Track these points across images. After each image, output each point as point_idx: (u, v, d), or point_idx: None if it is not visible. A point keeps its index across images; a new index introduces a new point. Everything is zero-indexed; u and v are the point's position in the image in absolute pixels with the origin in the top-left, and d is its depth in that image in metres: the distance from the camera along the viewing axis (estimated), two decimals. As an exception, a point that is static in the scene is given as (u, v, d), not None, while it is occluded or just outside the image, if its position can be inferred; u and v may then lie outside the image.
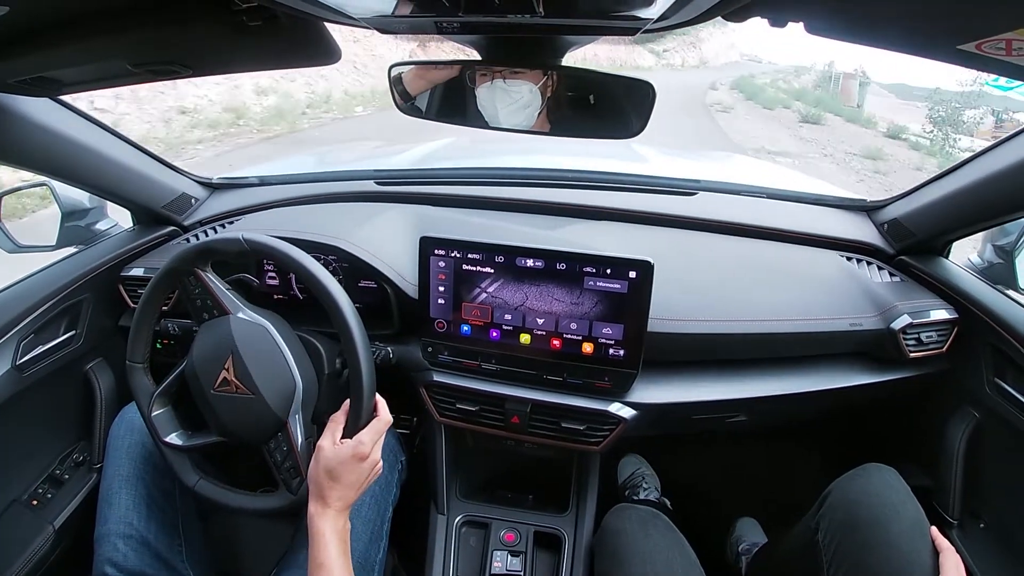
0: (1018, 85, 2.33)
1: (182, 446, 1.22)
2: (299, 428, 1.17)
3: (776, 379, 1.46)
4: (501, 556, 1.50)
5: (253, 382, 1.15)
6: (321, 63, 1.05)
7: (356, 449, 1.07)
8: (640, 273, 1.27)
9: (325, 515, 1.05)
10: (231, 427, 1.18)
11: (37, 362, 1.45)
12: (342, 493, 1.06)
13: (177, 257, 1.21)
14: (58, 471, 1.56)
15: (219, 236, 1.23)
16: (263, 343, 1.19)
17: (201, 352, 1.19)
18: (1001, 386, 1.39)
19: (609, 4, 0.80)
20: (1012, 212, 1.35)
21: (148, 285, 1.25)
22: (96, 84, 1.11)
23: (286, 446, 1.16)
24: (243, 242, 1.19)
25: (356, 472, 1.07)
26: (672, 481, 1.99)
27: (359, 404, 1.12)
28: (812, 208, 1.79)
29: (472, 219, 1.65)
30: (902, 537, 1.09)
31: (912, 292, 1.51)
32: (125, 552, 1.25)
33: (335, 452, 1.07)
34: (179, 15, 0.83)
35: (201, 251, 1.21)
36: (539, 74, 1.02)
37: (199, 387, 1.18)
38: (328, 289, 1.15)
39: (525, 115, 1.06)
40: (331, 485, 1.06)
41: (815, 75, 34.46)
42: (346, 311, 1.14)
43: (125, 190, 1.59)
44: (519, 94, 1.04)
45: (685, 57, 42.00)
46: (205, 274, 1.22)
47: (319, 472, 1.07)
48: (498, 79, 1.03)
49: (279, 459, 1.17)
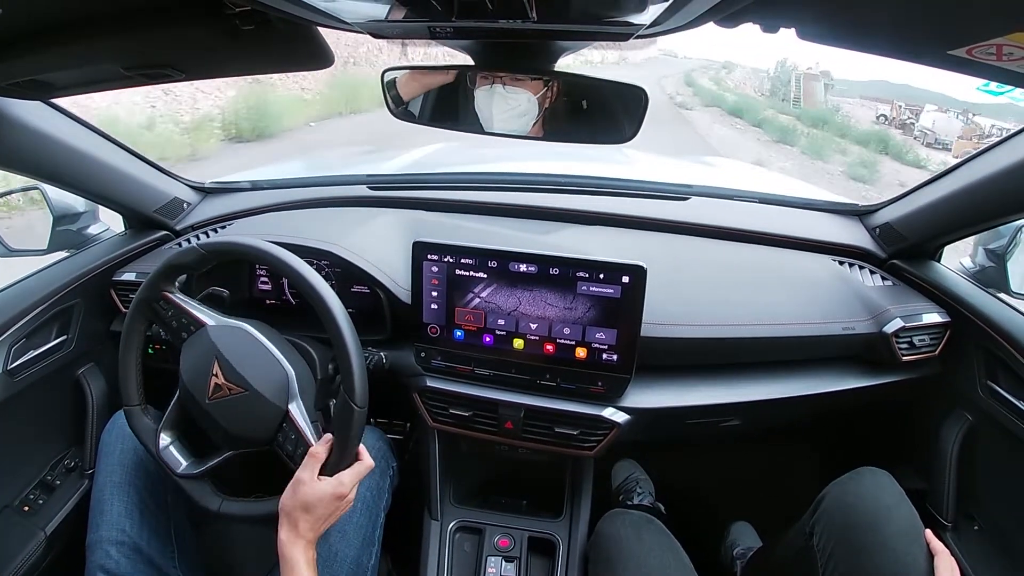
0: (1009, 90, 2.37)
1: (197, 473, 1.21)
2: (302, 414, 1.16)
3: (769, 383, 1.46)
4: (495, 562, 1.49)
5: (244, 379, 1.15)
6: (314, 67, 1.05)
7: (336, 489, 1.07)
8: (633, 278, 1.27)
9: (297, 544, 1.05)
10: (235, 431, 1.17)
11: (28, 367, 1.44)
12: (314, 525, 1.07)
13: (143, 288, 1.23)
14: (49, 477, 1.55)
15: (176, 251, 1.24)
16: (245, 343, 1.20)
17: (188, 368, 1.19)
18: (994, 389, 1.40)
19: (602, 10, 0.80)
20: (1002, 216, 1.37)
21: (124, 325, 1.25)
22: (88, 87, 1.11)
23: (293, 434, 1.15)
24: (199, 248, 1.20)
25: (331, 508, 1.08)
26: (666, 486, 1.99)
27: (343, 449, 1.11)
28: (804, 212, 1.80)
29: (465, 224, 1.65)
30: (897, 540, 1.10)
31: (904, 296, 1.51)
32: (118, 559, 1.24)
33: (314, 488, 1.06)
34: (172, 19, 0.83)
35: (163, 272, 1.22)
36: (539, 85, 1.03)
37: (195, 403, 1.18)
38: (303, 275, 1.15)
39: (521, 123, 1.06)
40: (304, 517, 1.06)
41: (747, 71, 35.17)
42: (325, 294, 1.14)
43: (117, 194, 1.59)
44: (516, 102, 1.04)
45: (604, 54, 42.18)
46: (174, 295, 1.23)
47: (295, 503, 1.06)
48: (498, 84, 1.04)
49: (291, 450, 1.15)
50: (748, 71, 39.68)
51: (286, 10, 0.78)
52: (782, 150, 15.46)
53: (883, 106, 27.54)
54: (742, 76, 38.70)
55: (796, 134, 17.54)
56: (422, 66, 1.11)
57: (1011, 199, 1.28)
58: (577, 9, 0.79)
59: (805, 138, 17.28)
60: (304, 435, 1.15)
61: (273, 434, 1.16)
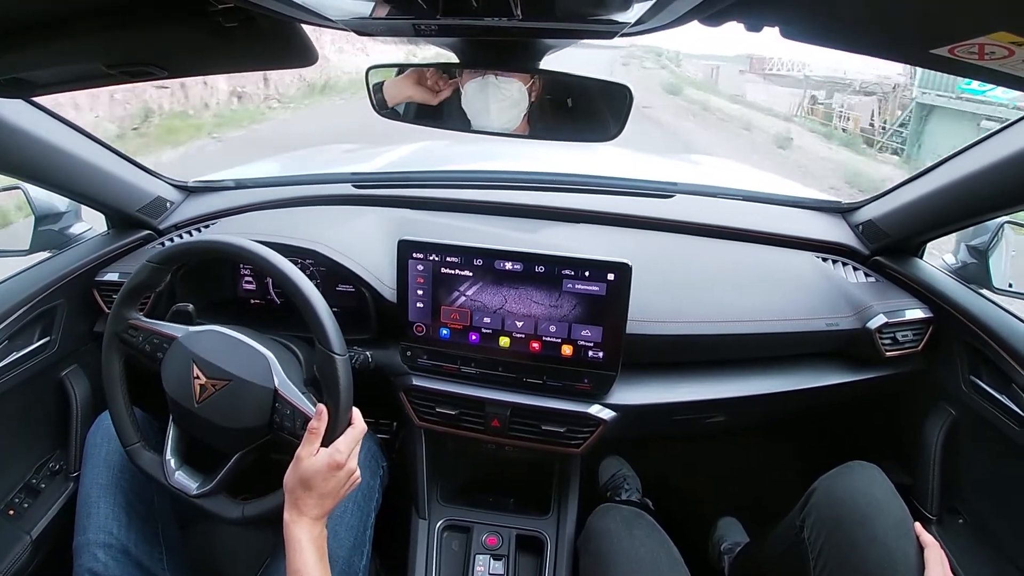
0: (991, 88, 2.39)
1: (211, 488, 1.20)
2: (291, 389, 1.15)
3: (754, 379, 1.47)
4: (484, 560, 1.49)
5: (225, 371, 1.15)
6: (298, 65, 1.04)
7: (332, 457, 1.06)
8: (618, 275, 1.28)
9: (300, 523, 1.04)
10: (233, 426, 1.16)
11: (10, 369, 1.43)
12: (318, 502, 1.06)
13: (108, 323, 1.24)
14: (34, 480, 1.54)
15: (130, 276, 1.24)
16: (218, 341, 1.20)
17: (171, 381, 1.19)
18: (976, 383, 1.41)
19: (587, 8, 0.80)
20: (984, 213, 1.38)
21: (103, 366, 1.25)
22: (70, 85, 1.10)
23: (289, 410, 1.14)
24: (149, 264, 1.21)
25: (332, 481, 1.06)
26: (653, 482, 2.00)
27: (336, 411, 1.11)
28: (788, 210, 1.81)
29: (451, 222, 1.65)
30: (888, 533, 1.10)
31: (887, 292, 1.53)
32: (105, 561, 1.23)
33: (311, 462, 1.06)
34: (155, 16, 0.82)
35: (123, 300, 1.23)
36: (526, 77, 1.03)
37: (188, 413, 1.17)
38: (247, 249, 1.17)
39: (513, 113, 1.06)
40: (306, 494, 1.05)
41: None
42: (293, 276, 1.15)
43: (99, 193, 1.57)
44: (509, 92, 1.04)
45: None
46: (140, 321, 1.24)
47: (295, 481, 1.06)
48: (490, 75, 1.04)
49: (291, 427, 1.14)
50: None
51: (270, 7, 0.77)
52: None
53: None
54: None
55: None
56: (407, 64, 1.11)
57: (992, 196, 1.30)
58: (562, 7, 0.79)
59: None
60: (299, 407, 1.14)
61: (270, 416, 1.15)
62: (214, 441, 1.19)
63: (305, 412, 1.13)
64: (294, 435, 1.13)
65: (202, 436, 1.21)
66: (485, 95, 1.06)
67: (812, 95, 28.85)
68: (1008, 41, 0.57)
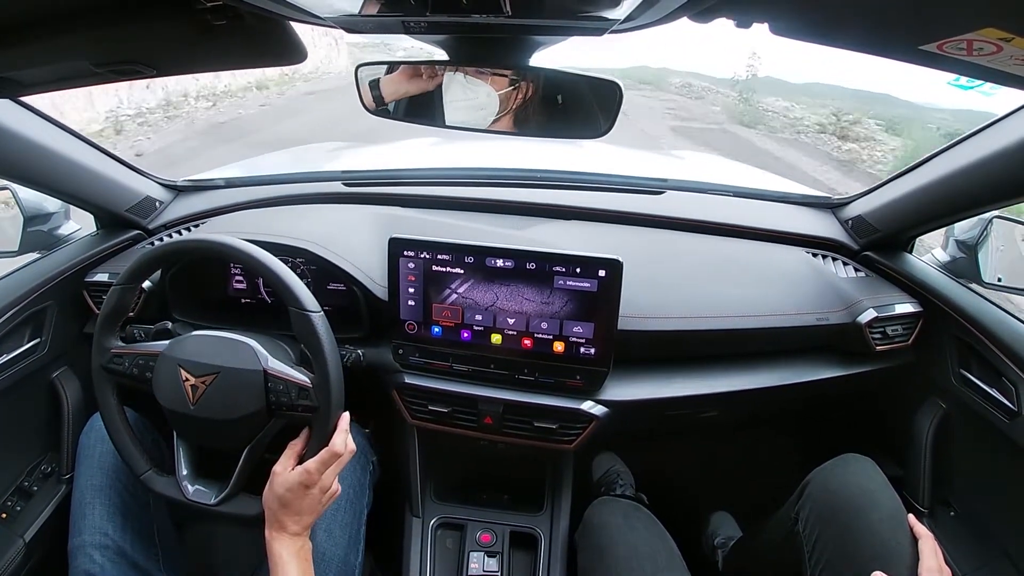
0: (979, 84, 2.40)
1: (228, 494, 1.19)
2: (281, 366, 1.15)
3: (745, 374, 1.47)
4: (478, 557, 1.50)
5: (211, 365, 1.14)
6: (287, 63, 1.04)
7: (302, 477, 1.06)
8: (609, 272, 1.28)
9: (281, 539, 1.05)
10: (232, 417, 1.14)
11: (1, 372, 1.42)
12: (296, 518, 1.06)
13: (93, 356, 1.23)
14: (26, 483, 1.53)
15: (104, 303, 1.23)
16: (200, 341, 1.19)
17: (163, 393, 1.17)
18: (966, 377, 1.42)
19: (576, 5, 0.80)
20: (973, 208, 1.39)
21: (98, 401, 1.24)
22: (57, 85, 1.09)
23: (282, 384, 1.14)
24: (116, 288, 1.22)
25: (306, 499, 1.06)
26: (646, 478, 2.00)
27: (319, 354, 1.12)
28: (778, 206, 1.82)
29: (441, 220, 1.64)
30: (882, 524, 1.11)
31: (877, 287, 1.53)
32: (102, 563, 1.22)
33: (284, 479, 1.06)
34: (142, 14, 0.82)
35: (101, 330, 1.23)
36: (504, 82, 1.03)
37: (187, 420, 1.17)
38: (204, 240, 1.19)
39: (478, 116, 1.06)
40: (283, 510, 1.05)
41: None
42: (273, 265, 1.16)
43: (88, 193, 1.56)
44: (475, 94, 1.04)
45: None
46: (122, 347, 1.23)
47: (271, 497, 1.07)
48: (460, 73, 1.04)
49: (288, 401, 1.14)
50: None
51: (258, 4, 0.77)
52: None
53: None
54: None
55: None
56: (396, 61, 1.11)
57: (981, 191, 1.30)
58: (551, 4, 0.79)
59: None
60: (291, 378, 1.14)
61: (266, 397, 1.14)
62: (220, 443, 1.19)
63: (299, 382, 1.13)
64: (293, 408, 1.13)
65: (207, 440, 1.20)
66: (450, 92, 1.06)
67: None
68: (996, 37, 0.57)
